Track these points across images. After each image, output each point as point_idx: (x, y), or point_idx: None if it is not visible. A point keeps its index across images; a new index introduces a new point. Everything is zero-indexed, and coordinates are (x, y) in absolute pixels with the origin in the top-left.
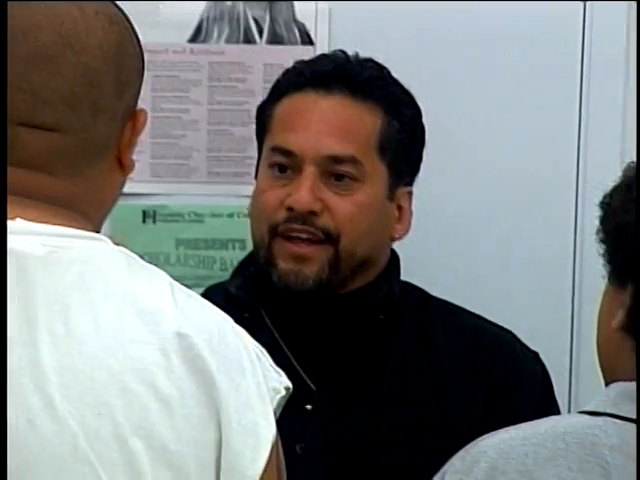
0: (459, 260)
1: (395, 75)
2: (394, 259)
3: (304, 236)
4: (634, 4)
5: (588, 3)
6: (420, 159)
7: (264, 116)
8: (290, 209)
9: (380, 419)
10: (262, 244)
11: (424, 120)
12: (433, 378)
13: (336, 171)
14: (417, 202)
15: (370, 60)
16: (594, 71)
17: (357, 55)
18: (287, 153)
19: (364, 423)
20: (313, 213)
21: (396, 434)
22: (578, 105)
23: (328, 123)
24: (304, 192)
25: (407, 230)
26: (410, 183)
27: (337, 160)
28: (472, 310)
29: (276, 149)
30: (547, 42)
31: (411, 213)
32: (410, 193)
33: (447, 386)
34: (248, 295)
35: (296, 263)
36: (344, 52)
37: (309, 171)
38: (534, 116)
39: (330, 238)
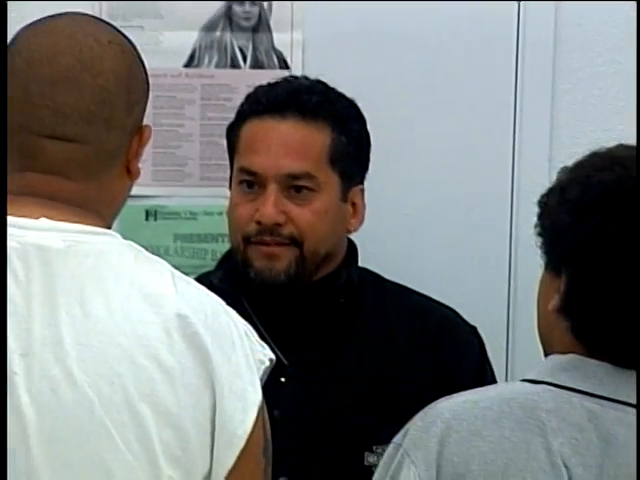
0: (410, 248)
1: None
2: (352, 249)
3: (273, 242)
4: (562, 3)
5: (522, 3)
6: (368, 161)
7: (232, 137)
8: (259, 223)
9: (343, 389)
10: (238, 250)
11: (374, 125)
12: (388, 352)
13: (294, 185)
14: (371, 199)
15: (319, 82)
16: (527, 69)
17: (307, 79)
18: (252, 174)
19: (330, 392)
20: (278, 224)
21: (357, 401)
22: (513, 102)
23: (285, 145)
24: (269, 207)
25: (361, 222)
26: (361, 182)
27: (295, 177)
28: (421, 291)
29: (243, 170)
30: (482, 42)
31: (364, 206)
32: (362, 190)
33: (399, 359)
34: (229, 286)
35: (269, 261)
36: (297, 77)
37: (272, 188)
38: (471, 114)
39: (295, 242)
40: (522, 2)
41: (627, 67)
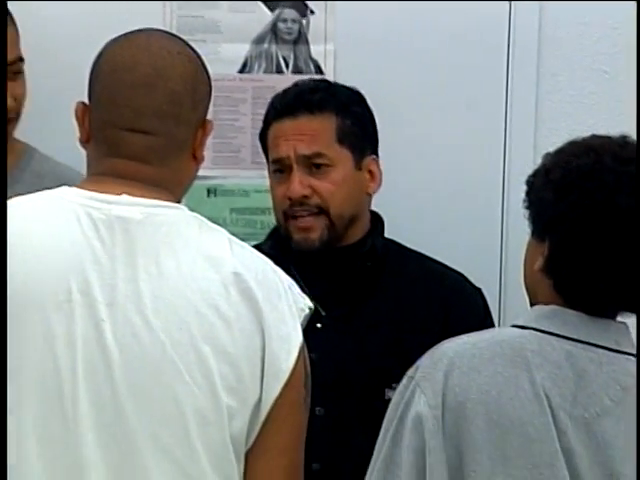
0: (422, 222)
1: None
2: (378, 222)
3: (305, 213)
4: (546, 3)
5: (513, 3)
6: (376, 135)
7: (263, 140)
8: (290, 198)
9: (368, 336)
10: (281, 224)
11: (389, 120)
12: (406, 307)
13: (313, 163)
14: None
15: (323, 81)
16: (517, 66)
17: (313, 80)
18: (279, 161)
19: (357, 339)
20: (305, 197)
21: (380, 347)
22: (504, 97)
23: (299, 135)
24: (295, 184)
25: (379, 185)
26: (373, 152)
27: (309, 157)
28: (434, 257)
29: (273, 161)
30: (474, 41)
31: (380, 172)
32: (374, 159)
33: (416, 314)
34: (277, 252)
35: (304, 233)
36: (303, 81)
37: (295, 169)
38: (470, 109)
39: (323, 210)
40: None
41: (601, 69)
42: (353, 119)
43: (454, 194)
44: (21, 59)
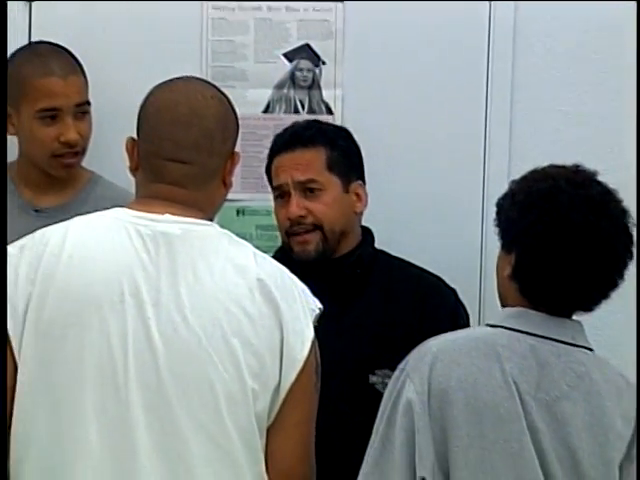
0: (407, 236)
1: None
2: (368, 235)
3: (302, 230)
4: (520, 3)
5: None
6: (361, 164)
7: (268, 173)
8: (289, 219)
9: (356, 330)
10: (284, 240)
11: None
12: (389, 306)
13: (307, 187)
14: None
15: (315, 121)
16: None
17: (306, 121)
18: (279, 188)
19: (346, 333)
20: (302, 217)
21: (365, 339)
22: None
23: (295, 165)
24: (293, 207)
25: (365, 205)
26: (359, 178)
27: (304, 183)
28: (416, 262)
29: (275, 188)
30: (454, 41)
31: (366, 194)
32: (360, 184)
33: (397, 312)
34: (282, 263)
35: (302, 246)
36: (299, 122)
37: (293, 193)
38: (456, 121)
39: (317, 227)
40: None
41: (568, 79)
42: (340, 151)
43: (441, 210)
44: (88, 102)
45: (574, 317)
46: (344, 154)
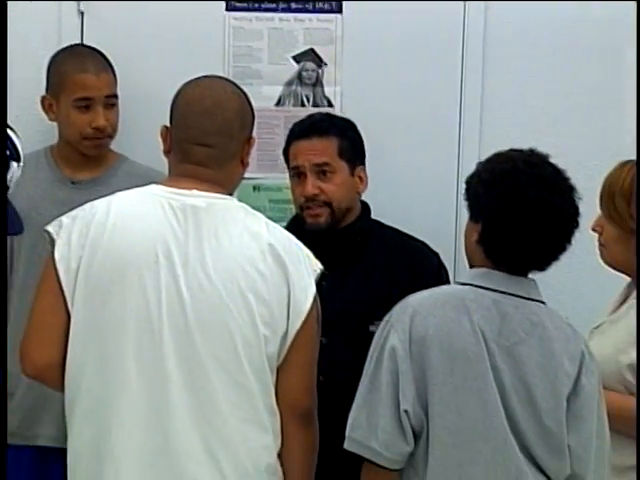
0: (396, 207)
1: None
2: (366, 209)
3: (315, 205)
4: (491, 3)
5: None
6: (363, 152)
7: (286, 153)
8: (304, 196)
9: (357, 288)
10: (298, 213)
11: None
12: (384, 267)
13: (321, 170)
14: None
15: (328, 114)
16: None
17: (321, 114)
18: (297, 168)
19: (349, 289)
20: (316, 195)
21: (365, 295)
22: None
23: (311, 150)
24: (308, 186)
25: (365, 186)
26: (362, 163)
27: (319, 165)
28: (404, 229)
29: (292, 169)
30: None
31: (366, 177)
32: (362, 169)
33: (391, 272)
34: (294, 232)
35: (314, 219)
36: (315, 114)
37: (309, 175)
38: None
39: (327, 204)
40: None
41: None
42: (348, 141)
43: (422, 186)
44: (115, 96)
45: (529, 276)
46: (352, 143)
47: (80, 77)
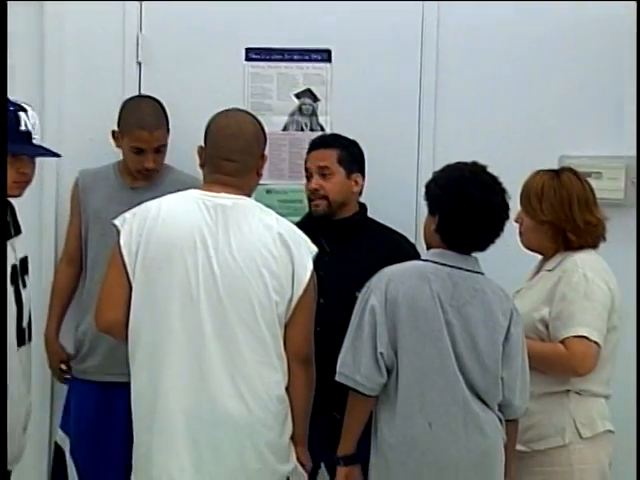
0: (371, 203)
1: None
2: (362, 208)
3: (316, 197)
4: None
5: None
6: (362, 162)
7: (305, 161)
8: (310, 190)
9: (348, 265)
10: (309, 204)
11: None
12: (371, 251)
13: (323, 172)
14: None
15: (336, 134)
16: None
17: (333, 133)
18: (307, 170)
19: (342, 266)
20: (317, 190)
21: (355, 271)
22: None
23: (317, 157)
24: (313, 184)
25: (360, 189)
26: (360, 172)
27: (321, 168)
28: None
29: (306, 170)
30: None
31: (363, 182)
32: (359, 175)
33: (375, 257)
34: (308, 223)
35: (315, 208)
36: (326, 134)
37: (314, 175)
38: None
39: (326, 198)
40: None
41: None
42: (346, 152)
43: (391, 190)
44: (164, 145)
45: (473, 254)
46: (350, 155)
47: (137, 132)
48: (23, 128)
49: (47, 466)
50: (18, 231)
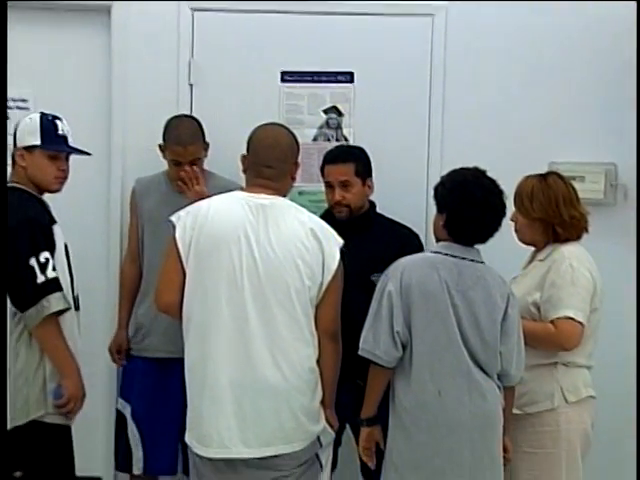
0: (388, 203)
1: None
2: (372, 205)
3: (339, 206)
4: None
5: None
6: (370, 169)
7: (322, 171)
8: (335, 202)
9: (364, 253)
10: (330, 209)
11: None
12: (383, 242)
13: (343, 184)
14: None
15: (350, 146)
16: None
17: (343, 146)
18: (329, 182)
19: (359, 254)
20: (339, 201)
21: (370, 258)
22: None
23: (337, 172)
24: (336, 196)
25: (372, 191)
26: (370, 176)
27: (342, 182)
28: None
29: (326, 183)
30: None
31: (373, 186)
32: (370, 180)
33: (386, 245)
34: (326, 218)
35: (339, 214)
36: (342, 145)
37: (336, 187)
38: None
39: (347, 206)
40: None
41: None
42: (361, 164)
43: (405, 191)
44: (199, 158)
45: (475, 246)
46: (363, 165)
47: (174, 148)
48: (60, 132)
49: (110, 429)
50: (54, 221)
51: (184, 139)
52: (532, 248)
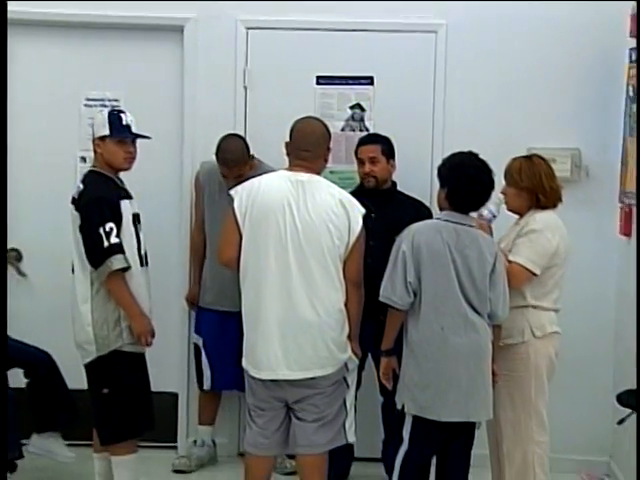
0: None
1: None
2: (394, 185)
3: (369, 177)
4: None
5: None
6: (394, 153)
7: (356, 152)
8: (364, 173)
9: (387, 220)
10: (361, 180)
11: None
12: (402, 212)
13: (372, 160)
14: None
15: (375, 134)
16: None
17: (374, 133)
18: (361, 159)
19: (383, 221)
20: (369, 173)
21: (391, 225)
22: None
23: (368, 150)
24: (367, 169)
25: (394, 170)
26: (393, 159)
27: (371, 158)
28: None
29: (358, 159)
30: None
31: (395, 166)
32: (393, 160)
33: (405, 215)
34: (357, 192)
35: (368, 183)
36: (371, 133)
37: (366, 162)
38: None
39: (374, 177)
40: None
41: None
42: (386, 146)
43: (413, 172)
44: (241, 175)
45: (470, 214)
46: (388, 148)
47: (221, 167)
48: (124, 123)
49: (183, 356)
50: (129, 196)
51: (229, 163)
52: (517, 215)
